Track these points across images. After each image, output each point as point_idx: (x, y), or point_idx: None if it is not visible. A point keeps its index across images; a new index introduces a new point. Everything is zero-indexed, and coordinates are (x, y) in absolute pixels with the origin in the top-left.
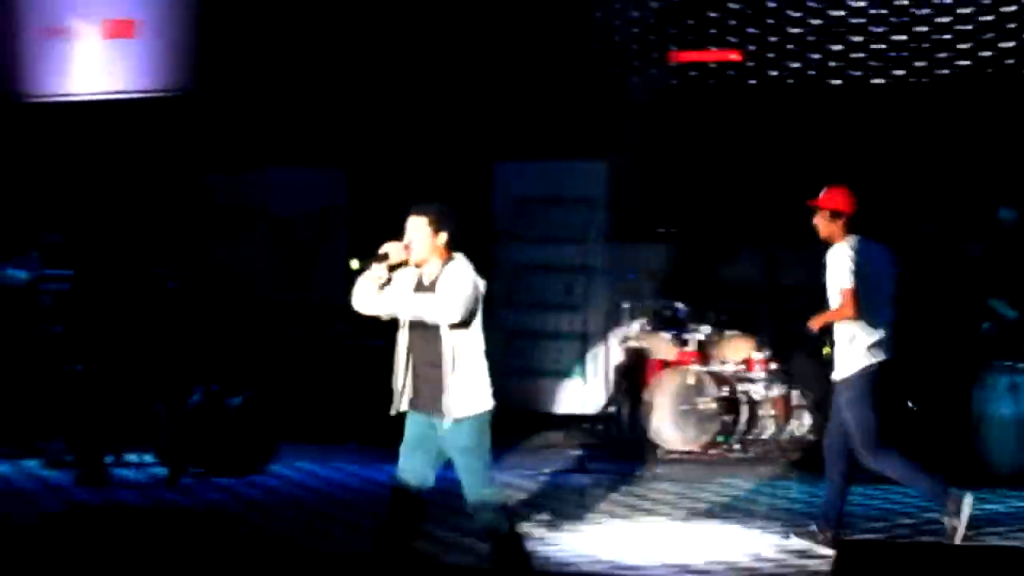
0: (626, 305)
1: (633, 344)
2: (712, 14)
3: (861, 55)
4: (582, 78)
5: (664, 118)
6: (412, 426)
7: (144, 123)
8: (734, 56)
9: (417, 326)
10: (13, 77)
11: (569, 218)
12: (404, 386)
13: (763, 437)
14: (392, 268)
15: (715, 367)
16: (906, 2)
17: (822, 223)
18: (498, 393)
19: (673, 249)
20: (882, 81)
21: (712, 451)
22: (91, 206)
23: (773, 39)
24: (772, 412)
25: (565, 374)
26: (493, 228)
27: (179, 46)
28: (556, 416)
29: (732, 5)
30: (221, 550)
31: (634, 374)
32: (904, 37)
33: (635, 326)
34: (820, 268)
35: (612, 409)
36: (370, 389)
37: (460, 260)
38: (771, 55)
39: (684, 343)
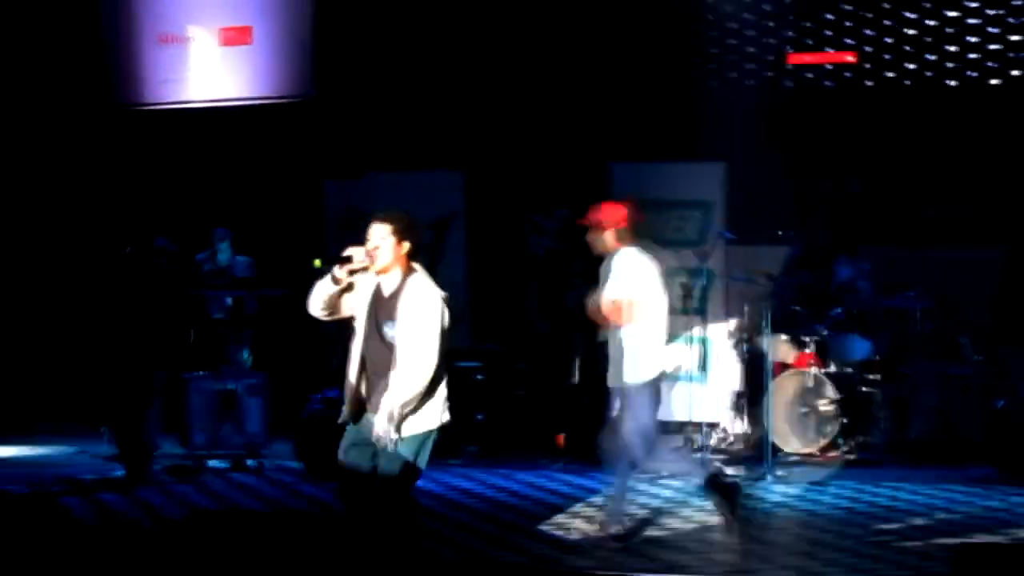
0: (744, 308)
1: (752, 347)
2: (828, 16)
3: (977, 56)
4: (699, 80)
5: (781, 120)
6: (351, 433)
7: (260, 129)
8: (850, 58)
9: (374, 336)
10: (130, 84)
11: (687, 220)
12: (356, 395)
13: (881, 439)
14: (352, 273)
15: (833, 369)
16: (1022, 1)
17: (598, 239)
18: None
19: (791, 251)
20: (999, 82)
21: (830, 453)
22: (207, 213)
23: (889, 40)
24: (891, 414)
25: (684, 378)
26: None
27: (295, 52)
28: (675, 421)
29: (847, 7)
30: (344, 553)
31: (753, 377)
32: (1021, 37)
33: (751, 328)
34: (934, 269)
35: (731, 413)
36: (491, 395)
37: (422, 275)
38: (887, 56)
39: (802, 345)
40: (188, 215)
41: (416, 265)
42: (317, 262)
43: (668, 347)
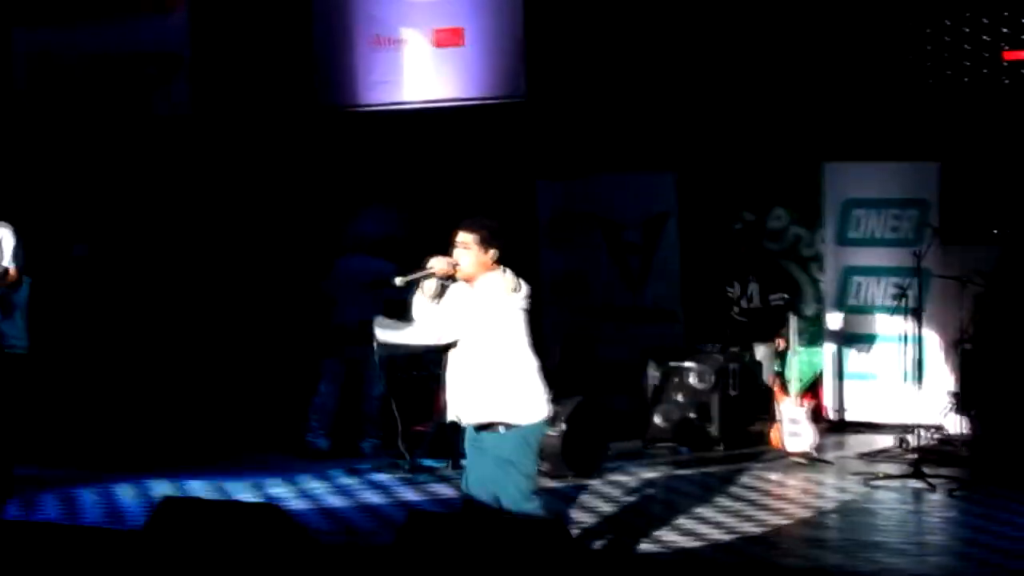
0: (960, 307)
1: (967, 347)
2: None
3: None
4: (913, 78)
5: (996, 117)
6: (468, 436)
7: (472, 130)
8: None
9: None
10: (343, 86)
11: (902, 220)
12: (451, 396)
13: None
14: (445, 282)
15: None
16: None
17: None
18: (832, 399)
19: (1008, 250)
20: None
21: None
22: (421, 213)
23: None
24: None
25: (899, 379)
26: (822, 230)
27: (507, 53)
28: (890, 424)
29: None
30: (555, 556)
31: (969, 378)
32: None
33: (969, 328)
34: None
35: (949, 415)
36: (701, 394)
37: (494, 275)
38: None
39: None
40: (402, 216)
41: (500, 268)
42: (399, 279)
43: None
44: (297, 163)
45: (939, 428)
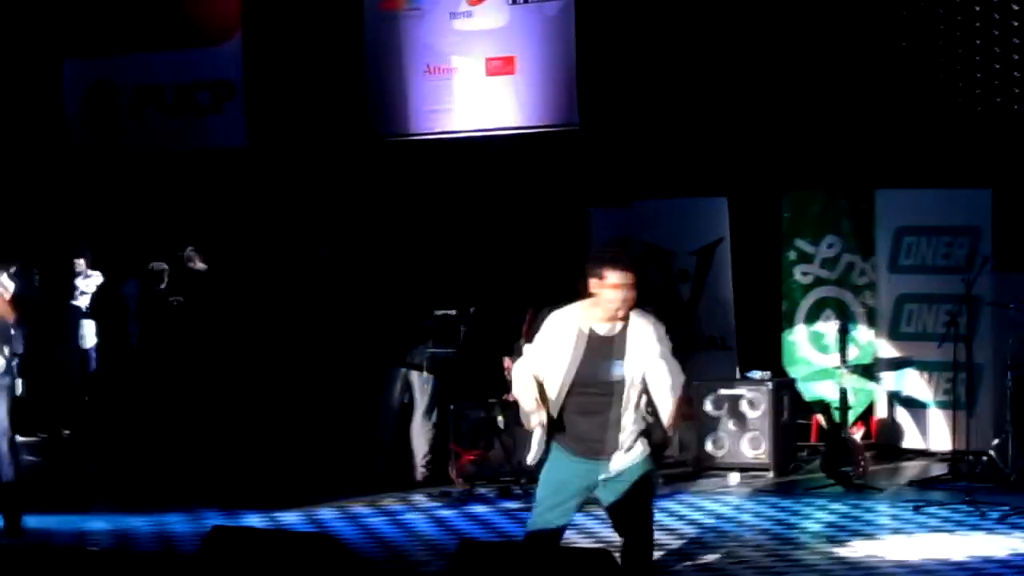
0: (1011, 335)
1: (1020, 375)
2: None
3: None
4: (964, 105)
5: None
6: (559, 470)
7: (525, 158)
8: None
9: (592, 382)
10: (396, 115)
11: (954, 247)
12: (551, 430)
13: None
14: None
15: None
16: None
17: None
18: (884, 426)
19: None
20: None
21: None
22: (472, 242)
23: None
24: None
25: (950, 406)
26: (874, 257)
27: (559, 81)
28: (940, 451)
29: None
30: None
31: (1019, 405)
32: None
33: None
34: None
35: (998, 442)
36: (752, 421)
37: (641, 314)
38: None
39: None
40: (455, 244)
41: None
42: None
43: None
44: (349, 191)
45: (990, 455)
